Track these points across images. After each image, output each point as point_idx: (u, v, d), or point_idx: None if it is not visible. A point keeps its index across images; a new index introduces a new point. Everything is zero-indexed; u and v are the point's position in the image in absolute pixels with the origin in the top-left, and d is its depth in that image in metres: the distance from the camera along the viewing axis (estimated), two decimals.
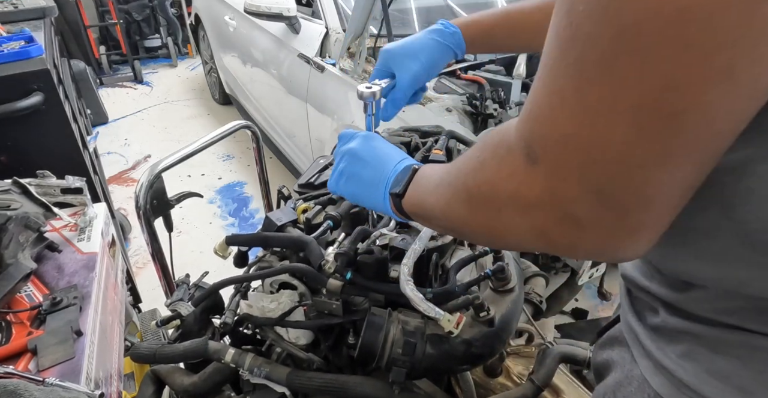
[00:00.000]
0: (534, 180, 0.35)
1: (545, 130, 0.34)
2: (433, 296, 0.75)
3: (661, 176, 0.31)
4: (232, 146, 3.72)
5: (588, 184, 0.33)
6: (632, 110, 0.29)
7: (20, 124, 1.57)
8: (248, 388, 0.87)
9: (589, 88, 0.30)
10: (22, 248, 1.00)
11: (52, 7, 2.23)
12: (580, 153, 0.32)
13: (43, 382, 0.77)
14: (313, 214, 0.97)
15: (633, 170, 0.31)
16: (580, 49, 0.30)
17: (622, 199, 0.32)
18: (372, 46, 2.09)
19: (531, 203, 0.36)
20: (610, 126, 0.30)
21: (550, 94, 0.33)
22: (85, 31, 4.72)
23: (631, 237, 0.34)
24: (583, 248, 0.36)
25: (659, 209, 0.33)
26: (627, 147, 0.30)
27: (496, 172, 0.39)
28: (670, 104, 0.28)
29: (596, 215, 0.33)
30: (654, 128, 0.29)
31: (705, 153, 0.31)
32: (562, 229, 0.35)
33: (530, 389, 0.82)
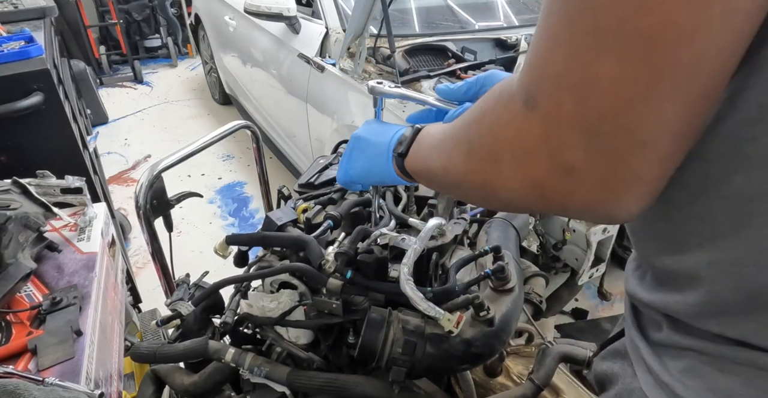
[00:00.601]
0: (531, 126, 0.36)
1: (541, 73, 0.35)
2: (433, 296, 0.75)
3: (650, 113, 0.31)
4: (232, 146, 3.72)
5: (580, 124, 0.33)
6: (614, 38, 0.30)
7: (20, 124, 1.57)
8: (248, 388, 0.87)
9: (576, 25, 0.32)
10: (22, 248, 1.00)
11: (52, 7, 2.23)
12: (572, 92, 0.33)
13: (42, 382, 0.77)
14: (313, 214, 0.97)
15: (622, 106, 0.31)
16: None
17: (613, 140, 0.32)
18: (372, 46, 2.09)
19: (527, 151, 0.36)
20: (597, 58, 0.31)
21: (545, 40, 0.34)
22: (85, 31, 4.72)
23: (624, 189, 0.34)
24: (576, 202, 0.36)
25: (650, 155, 0.33)
26: (614, 79, 0.31)
27: (496, 120, 0.40)
28: (647, 26, 0.29)
29: (589, 161, 0.34)
30: (635, 54, 0.30)
31: (691, 85, 0.31)
32: (556, 179, 0.36)
33: (530, 389, 0.82)
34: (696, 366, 0.39)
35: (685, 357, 0.41)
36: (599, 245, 1.47)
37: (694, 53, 0.30)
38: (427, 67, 2.04)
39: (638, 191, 0.35)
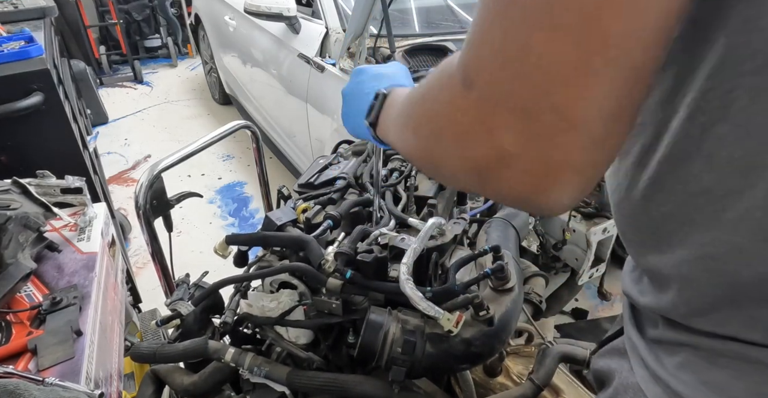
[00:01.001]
0: (468, 106, 0.35)
1: (478, 51, 0.35)
2: (432, 296, 0.75)
3: (581, 92, 0.31)
4: (232, 146, 3.72)
5: (513, 105, 0.33)
6: (546, 13, 0.30)
7: (20, 124, 1.57)
8: (248, 387, 0.87)
9: (510, 5, 0.32)
10: (22, 248, 1.00)
11: (52, 7, 2.23)
12: (505, 69, 0.33)
13: (42, 382, 0.77)
14: (312, 214, 0.97)
15: (553, 84, 0.31)
16: None
17: (545, 123, 0.32)
18: (372, 46, 2.09)
19: (465, 131, 0.36)
20: (530, 34, 0.31)
21: (482, 18, 0.34)
22: (85, 31, 4.72)
23: (554, 175, 0.34)
24: (508, 187, 0.36)
25: (580, 139, 0.32)
26: (545, 55, 0.31)
27: (438, 98, 0.40)
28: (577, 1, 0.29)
29: (520, 144, 0.33)
30: (567, 29, 0.30)
31: (622, 63, 0.30)
32: (490, 161, 0.35)
33: (530, 389, 0.82)
34: (690, 361, 0.40)
35: (680, 352, 0.41)
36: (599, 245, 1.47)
37: (625, 29, 0.29)
38: (427, 67, 2.04)
39: (570, 180, 0.34)
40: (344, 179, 1.11)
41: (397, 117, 0.53)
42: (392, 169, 1.16)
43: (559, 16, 0.30)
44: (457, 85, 0.36)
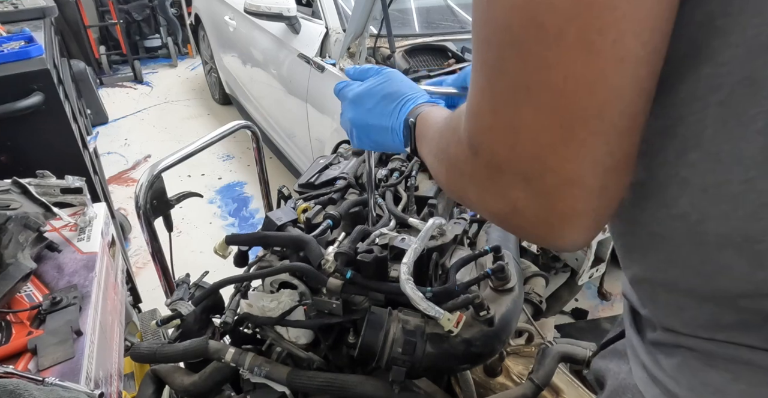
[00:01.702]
0: (479, 169, 0.39)
1: (476, 124, 0.38)
2: (433, 296, 0.75)
3: (569, 154, 0.34)
4: (232, 146, 3.72)
5: (515, 169, 0.36)
6: (526, 92, 0.33)
7: (20, 124, 1.57)
8: (248, 387, 0.87)
9: (495, 80, 0.35)
10: (22, 248, 1.00)
11: (52, 7, 2.23)
12: (502, 142, 0.36)
13: (42, 382, 0.77)
14: (313, 213, 0.97)
15: (545, 150, 0.34)
16: (484, 49, 0.36)
17: (546, 183, 0.35)
18: (372, 46, 2.09)
19: (483, 188, 0.40)
20: (516, 110, 0.34)
21: (475, 91, 0.38)
22: (85, 31, 4.72)
23: (563, 224, 0.37)
24: (527, 232, 0.40)
25: (581, 192, 0.35)
26: (532, 129, 0.34)
27: (455, 157, 0.44)
28: (551, 79, 0.32)
29: (528, 200, 0.37)
30: (546, 106, 0.33)
31: (600, 125, 0.33)
32: (508, 214, 0.39)
33: (530, 388, 0.82)
34: (687, 363, 0.40)
35: (678, 354, 0.41)
36: (599, 245, 1.47)
37: (598, 100, 0.32)
38: (427, 67, 2.04)
39: (578, 225, 0.37)
40: (344, 179, 1.11)
41: (429, 152, 0.58)
42: (392, 169, 1.16)
43: (538, 95, 0.33)
44: (465, 150, 0.40)
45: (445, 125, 0.50)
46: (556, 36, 0.31)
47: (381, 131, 0.70)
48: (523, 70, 0.33)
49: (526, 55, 0.32)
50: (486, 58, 0.36)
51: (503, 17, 0.33)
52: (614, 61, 0.31)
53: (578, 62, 0.31)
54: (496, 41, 0.34)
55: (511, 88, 0.34)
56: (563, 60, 0.31)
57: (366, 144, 0.75)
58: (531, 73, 0.33)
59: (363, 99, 0.72)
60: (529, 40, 0.32)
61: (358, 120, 0.72)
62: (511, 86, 0.34)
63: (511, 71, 0.34)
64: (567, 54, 0.31)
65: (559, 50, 0.31)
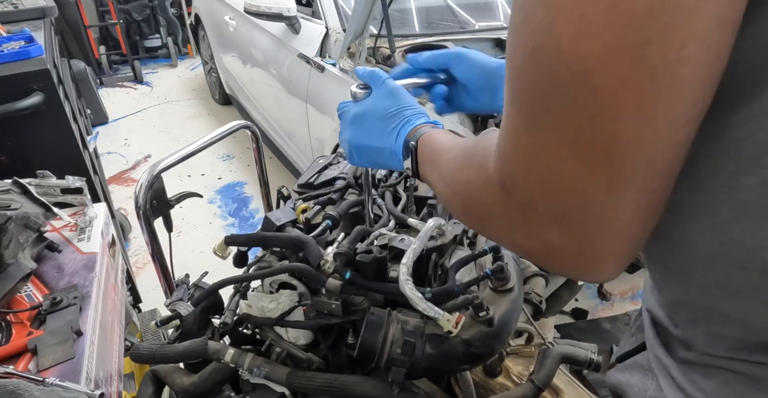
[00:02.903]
0: (511, 210, 0.39)
1: (510, 167, 0.38)
2: (432, 296, 0.75)
3: (611, 203, 0.34)
4: (232, 146, 3.72)
5: (551, 215, 0.36)
6: (571, 146, 0.33)
7: (20, 124, 1.57)
8: (248, 388, 0.87)
9: (536, 129, 0.35)
10: (22, 248, 1.00)
11: (52, 7, 2.23)
12: (539, 188, 0.36)
13: (43, 382, 0.77)
14: (312, 214, 0.97)
15: (584, 199, 0.34)
16: (525, 91, 0.35)
17: (581, 227, 0.36)
18: (372, 46, 2.09)
19: (512, 226, 0.40)
20: (558, 162, 0.34)
21: (511, 134, 0.37)
22: (85, 31, 4.72)
23: (597, 263, 0.38)
24: (560, 268, 0.41)
25: (618, 235, 0.36)
26: (575, 179, 0.34)
27: (480, 194, 0.43)
28: (598, 137, 0.32)
29: (563, 242, 0.37)
30: (592, 160, 0.33)
31: (646, 179, 0.33)
32: (539, 251, 0.39)
33: (530, 389, 0.82)
34: (730, 384, 0.40)
35: (719, 375, 0.41)
36: None
37: (647, 158, 0.32)
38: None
39: (613, 263, 0.38)
40: (344, 179, 1.11)
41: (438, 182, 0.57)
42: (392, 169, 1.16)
43: (584, 150, 0.32)
44: (496, 190, 0.39)
45: (465, 157, 0.48)
46: (611, 97, 0.30)
47: (380, 152, 0.68)
48: (569, 124, 0.32)
49: (574, 110, 0.32)
50: (527, 103, 0.35)
51: (551, 69, 0.32)
52: (666, 124, 0.31)
53: (631, 124, 0.31)
54: (541, 89, 0.33)
55: (555, 140, 0.33)
56: (615, 121, 0.31)
57: (364, 163, 0.74)
58: (579, 129, 0.32)
59: (362, 119, 0.70)
60: (579, 97, 0.31)
61: (357, 141, 0.71)
62: (555, 138, 0.33)
63: (556, 123, 0.33)
64: (620, 115, 0.30)
65: (612, 111, 0.30)
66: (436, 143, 0.60)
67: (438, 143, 0.59)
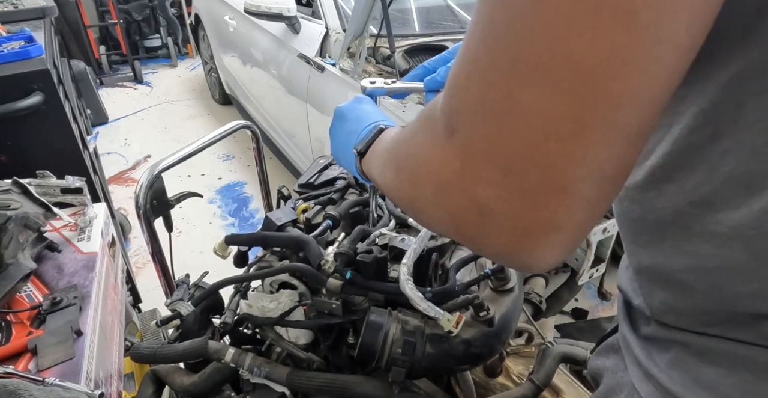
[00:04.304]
0: (449, 157, 0.33)
1: (460, 100, 0.32)
2: (432, 296, 0.75)
3: (573, 153, 0.28)
4: (232, 146, 3.72)
5: (496, 160, 0.30)
6: (539, 67, 0.27)
7: (20, 124, 1.57)
8: (248, 388, 0.87)
9: (498, 47, 0.28)
10: (22, 248, 1.00)
11: (52, 7, 2.23)
12: (490, 123, 0.30)
13: (43, 382, 0.77)
14: (312, 214, 0.97)
15: (542, 142, 0.28)
16: (489, 5, 0.29)
17: (529, 180, 0.29)
18: (372, 46, 2.09)
19: (445, 182, 0.34)
20: (518, 86, 0.28)
21: (466, 63, 0.31)
22: (85, 31, 4.72)
23: (538, 235, 0.31)
24: (488, 244, 0.34)
25: (570, 201, 0.30)
26: (535, 112, 0.28)
27: (421, 144, 0.37)
28: (577, 54, 0.26)
29: (502, 201, 0.31)
30: (564, 85, 0.27)
31: (620, 124, 0.28)
32: (470, 216, 0.33)
33: (530, 389, 0.82)
34: (681, 358, 0.40)
35: (672, 349, 0.41)
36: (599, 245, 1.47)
37: (627, 87, 0.27)
38: None
39: (555, 240, 0.32)
40: (344, 179, 1.11)
41: (381, 152, 0.52)
42: None
43: (553, 72, 0.27)
44: (439, 131, 0.33)
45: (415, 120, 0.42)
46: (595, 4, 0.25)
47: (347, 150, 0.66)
48: (542, 37, 0.26)
49: (551, 17, 0.26)
50: (490, 16, 0.29)
51: None
52: (653, 43, 0.26)
53: (615, 37, 0.25)
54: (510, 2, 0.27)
55: (520, 58, 0.27)
56: (599, 31, 0.25)
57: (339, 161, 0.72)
58: (553, 42, 0.26)
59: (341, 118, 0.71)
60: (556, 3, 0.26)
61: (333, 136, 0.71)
62: (520, 56, 0.27)
63: (525, 36, 0.27)
64: (605, 24, 0.25)
65: (597, 18, 0.25)
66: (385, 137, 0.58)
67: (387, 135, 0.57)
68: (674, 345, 0.41)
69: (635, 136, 0.29)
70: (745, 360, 0.36)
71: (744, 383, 0.35)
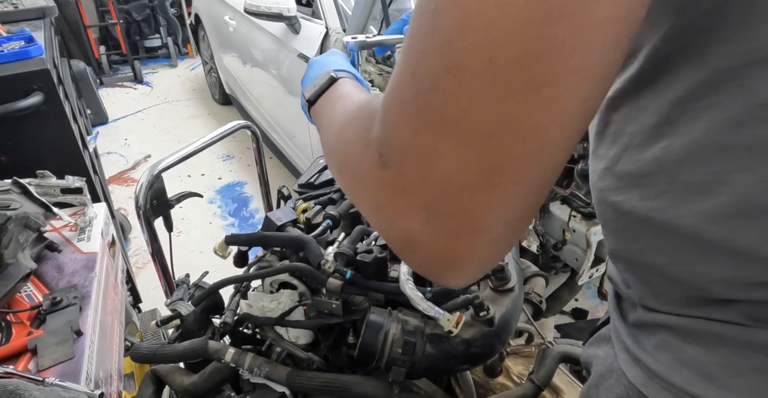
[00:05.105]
0: (381, 184, 0.35)
1: (393, 137, 0.34)
2: (432, 296, 0.75)
3: (486, 202, 0.31)
4: (232, 146, 3.72)
5: (420, 200, 0.33)
6: (454, 124, 0.30)
7: (20, 124, 1.57)
8: (248, 388, 0.87)
9: (423, 101, 0.30)
10: (22, 248, 1.00)
11: (52, 7, 2.23)
12: (415, 166, 0.32)
13: (43, 382, 0.77)
14: (312, 214, 0.97)
15: (459, 191, 0.31)
16: (416, 56, 0.31)
17: (449, 223, 0.33)
18: None
19: (379, 204, 0.36)
20: (438, 140, 0.30)
21: (396, 98, 0.33)
22: (85, 31, 4.72)
23: (454, 265, 0.35)
24: (413, 263, 0.37)
25: (485, 240, 0.33)
26: (452, 165, 0.30)
27: (358, 160, 0.38)
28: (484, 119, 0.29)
29: (425, 234, 0.34)
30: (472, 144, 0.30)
31: (525, 178, 0.31)
32: (394, 240, 0.36)
33: (530, 389, 0.82)
34: (666, 341, 0.41)
35: (657, 333, 0.42)
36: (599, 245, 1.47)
37: (527, 151, 0.30)
38: None
39: (471, 268, 0.36)
40: None
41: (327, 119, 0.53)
42: None
43: (466, 131, 0.29)
44: (374, 158, 0.35)
45: (356, 113, 0.44)
46: (505, 76, 0.27)
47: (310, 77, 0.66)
48: (457, 100, 0.29)
49: (465, 85, 0.28)
50: (416, 68, 0.31)
51: (449, 36, 0.28)
52: (552, 116, 0.29)
53: (519, 109, 0.28)
54: (433, 58, 0.29)
55: (440, 114, 0.30)
56: (505, 103, 0.28)
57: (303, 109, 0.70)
58: (466, 107, 0.29)
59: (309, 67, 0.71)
60: (471, 71, 0.28)
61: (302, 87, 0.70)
62: (440, 112, 0.30)
63: (445, 96, 0.29)
64: (511, 97, 0.28)
65: (504, 91, 0.28)
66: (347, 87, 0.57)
67: (348, 88, 0.57)
68: (659, 329, 0.42)
69: (540, 187, 0.32)
70: (725, 338, 0.37)
71: (723, 359, 0.37)
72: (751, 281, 0.34)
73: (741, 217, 0.33)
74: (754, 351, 0.35)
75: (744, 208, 0.33)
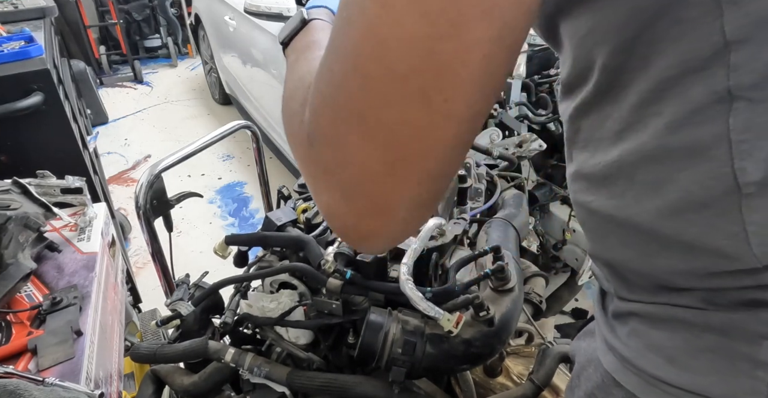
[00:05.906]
0: (310, 160, 0.40)
1: (314, 123, 0.38)
2: (432, 296, 0.75)
3: (389, 188, 0.36)
4: (232, 146, 3.72)
5: (336, 182, 0.38)
6: (361, 120, 0.34)
7: (20, 124, 1.57)
8: (248, 388, 0.87)
9: (337, 96, 0.35)
10: (22, 248, 1.00)
11: (52, 7, 2.23)
12: (332, 153, 0.37)
13: (43, 382, 0.77)
14: (312, 214, 0.97)
15: (366, 178, 0.36)
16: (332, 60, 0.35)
17: (358, 205, 0.37)
18: None
19: (309, 175, 0.41)
20: (349, 132, 0.35)
21: (318, 94, 0.37)
22: (85, 31, 4.72)
23: (367, 239, 0.41)
24: (337, 231, 0.42)
25: (389, 221, 0.38)
26: (360, 155, 0.35)
27: (296, 132, 0.42)
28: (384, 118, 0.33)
29: (341, 209, 0.39)
30: (377, 139, 0.34)
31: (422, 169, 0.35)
32: (322, 208, 0.41)
33: (530, 389, 0.82)
34: (636, 328, 0.43)
35: (629, 321, 0.44)
36: None
37: (423, 148, 0.34)
38: None
39: (380, 242, 0.42)
40: None
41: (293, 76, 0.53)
42: None
43: (370, 127, 0.34)
44: (304, 137, 0.39)
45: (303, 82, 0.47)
46: (402, 82, 0.32)
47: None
48: (362, 100, 0.33)
49: (368, 87, 0.33)
50: (332, 66, 0.35)
51: (357, 44, 0.33)
52: (442, 118, 0.33)
53: (414, 111, 0.32)
54: (344, 60, 0.34)
55: (349, 111, 0.34)
56: (402, 105, 0.32)
57: None
58: (369, 106, 0.33)
59: None
60: (373, 76, 0.32)
61: None
62: (349, 109, 0.34)
63: (352, 95, 0.34)
64: (407, 101, 0.32)
65: (401, 95, 0.32)
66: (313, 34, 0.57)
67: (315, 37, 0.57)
68: (631, 317, 0.44)
69: (437, 178, 0.37)
70: (685, 321, 0.39)
71: (684, 343, 0.39)
72: (705, 272, 0.37)
73: (687, 212, 0.35)
74: (709, 332, 0.37)
75: (689, 204, 0.35)
